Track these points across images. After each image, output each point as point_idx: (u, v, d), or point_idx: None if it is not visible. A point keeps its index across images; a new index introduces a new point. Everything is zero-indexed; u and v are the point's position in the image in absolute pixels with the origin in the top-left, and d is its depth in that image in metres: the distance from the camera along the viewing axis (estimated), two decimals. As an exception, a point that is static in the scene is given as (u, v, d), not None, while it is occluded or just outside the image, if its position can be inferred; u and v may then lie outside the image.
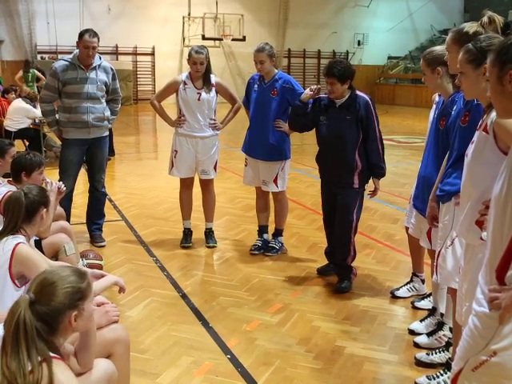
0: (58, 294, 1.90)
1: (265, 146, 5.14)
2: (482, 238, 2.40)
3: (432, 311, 3.81)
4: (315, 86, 4.52)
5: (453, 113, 3.21)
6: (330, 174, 4.49)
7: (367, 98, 4.34)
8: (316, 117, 4.46)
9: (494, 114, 2.32)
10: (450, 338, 3.38)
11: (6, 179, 3.95)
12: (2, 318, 2.44)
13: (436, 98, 3.81)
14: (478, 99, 2.68)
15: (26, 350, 1.79)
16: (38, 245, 3.49)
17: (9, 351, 1.79)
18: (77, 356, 2.20)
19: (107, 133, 5.56)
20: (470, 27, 2.89)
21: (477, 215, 2.40)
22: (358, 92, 4.35)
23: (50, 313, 1.87)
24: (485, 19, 2.82)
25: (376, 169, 4.44)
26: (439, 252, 3.08)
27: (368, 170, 4.43)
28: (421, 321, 3.82)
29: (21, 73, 13.68)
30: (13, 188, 3.56)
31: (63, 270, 2.01)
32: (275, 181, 5.22)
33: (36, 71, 13.86)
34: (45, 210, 2.99)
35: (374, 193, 4.55)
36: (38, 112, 9.06)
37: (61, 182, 4.04)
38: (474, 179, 2.41)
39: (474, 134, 2.45)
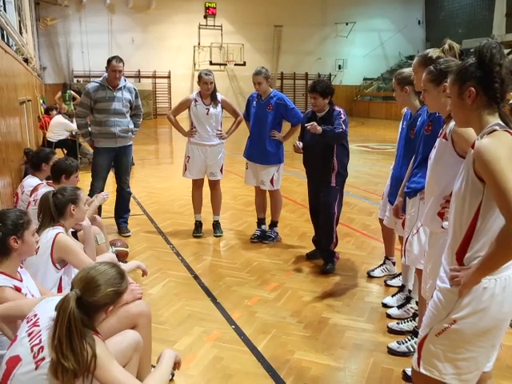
0: (102, 294, 1.85)
1: (263, 152, 5.13)
2: (442, 227, 2.39)
3: (401, 288, 3.81)
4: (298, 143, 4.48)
5: (418, 123, 3.20)
6: (313, 174, 4.49)
7: (340, 110, 4.33)
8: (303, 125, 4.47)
9: (452, 124, 2.31)
10: (416, 310, 3.37)
11: (46, 181, 3.93)
12: (47, 293, 2.44)
13: (404, 110, 3.80)
14: (439, 112, 2.67)
15: (78, 339, 1.75)
16: (74, 235, 3.47)
17: (64, 343, 1.74)
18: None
19: (131, 142, 5.54)
20: (433, 52, 2.88)
21: (439, 208, 2.40)
22: (335, 107, 4.36)
23: (93, 307, 1.83)
24: (446, 46, 2.81)
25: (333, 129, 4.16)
26: (406, 239, 3.07)
27: (344, 171, 4.41)
28: (392, 296, 3.81)
29: (59, 93, 13.67)
30: (51, 189, 3.54)
31: (108, 273, 1.89)
32: (271, 181, 5.21)
33: (72, 92, 13.84)
34: (72, 206, 2.95)
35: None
36: (74, 126, 9.05)
37: (107, 193, 4.11)
38: (436, 178, 2.41)
39: (436, 141, 2.44)
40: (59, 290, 2.72)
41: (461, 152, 2.28)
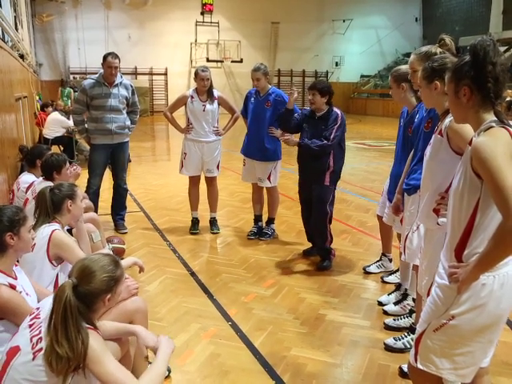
0: (97, 281, 1.86)
1: (261, 149, 5.12)
2: (438, 223, 2.39)
3: (398, 287, 3.79)
4: (292, 91, 4.46)
5: (416, 120, 3.19)
6: (307, 171, 4.48)
7: (339, 113, 4.34)
8: (302, 124, 4.47)
9: (447, 120, 2.31)
10: (412, 307, 3.37)
11: (42, 178, 3.90)
12: (43, 291, 2.43)
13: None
14: (435, 108, 2.66)
15: (74, 327, 1.76)
16: (70, 233, 3.45)
17: (59, 330, 1.75)
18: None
19: (128, 139, 5.52)
20: (430, 49, 2.87)
21: (434, 204, 2.39)
22: (335, 108, 4.36)
23: (90, 295, 1.84)
24: (442, 42, 2.80)
25: (311, 143, 4.24)
26: (406, 236, 3.07)
27: (339, 171, 4.41)
28: (388, 294, 3.80)
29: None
30: (49, 183, 3.52)
31: (101, 260, 1.93)
32: (269, 178, 5.21)
33: (71, 89, 13.78)
34: (70, 201, 2.94)
35: (284, 136, 4.43)
36: (70, 122, 9.05)
37: (77, 167, 4.01)
38: (431, 175, 2.41)
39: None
40: (55, 287, 2.70)
41: (456, 148, 2.28)
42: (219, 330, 3.32)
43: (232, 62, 23.92)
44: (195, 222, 5.53)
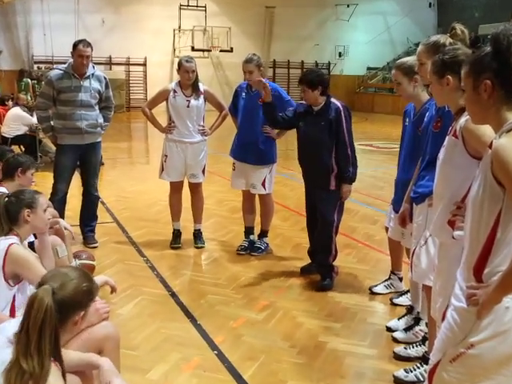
0: (76, 289, 1.89)
1: (254, 151, 5.12)
2: (453, 237, 2.40)
3: (409, 310, 3.79)
4: (259, 81, 4.51)
5: (425, 119, 3.21)
6: (309, 175, 4.51)
7: (339, 105, 4.37)
8: (297, 121, 4.49)
9: (462, 120, 2.32)
10: (426, 333, 3.37)
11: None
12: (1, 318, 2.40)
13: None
14: (448, 106, 2.68)
15: (49, 339, 1.76)
16: (31, 247, 3.43)
17: (33, 341, 1.75)
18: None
19: (100, 139, 5.52)
20: (439, 39, 2.90)
21: (449, 215, 2.40)
22: (333, 100, 4.37)
23: (65, 308, 1.85)
24: (453, 31, 2.82)
25: (343, 173, 4.37)
26: (414, 251, 3.08)
27: None
28: (398, 319, 3.79)
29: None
30: (3, 190, 3.50)
31: (76, 270, 1.98)
32: (263, 184, 5.21)
33: (29, 80, 13.69)
34: (27, 211, 2.92)
35: (341, 197, 4.43)
36: (34, 119, 8.99)
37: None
38: (445, 182, 2.42)
39: (445, 139, 2.45)
40: (12, 310, 2.68)
41: (473, 152, 2.29)
42: (203, 361, 3.30)
43: (221, 51, 23.96)
44: (177, 234, 5.51)
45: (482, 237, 1.81)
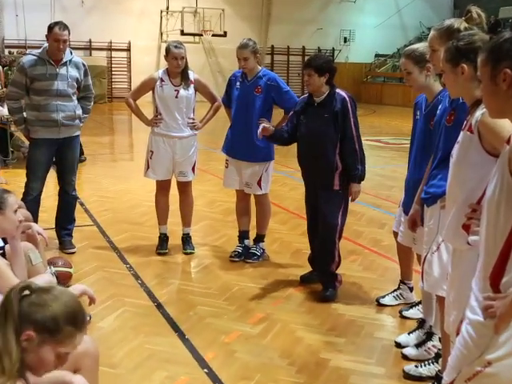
0: (57, 303, 1.89)
1: (249, 147, 5.12)
2: (468, 243, 2.40)
3: (421, 323, 3.78)
4: (261, 121, 4.64)
5: (438, 112, 3.22)
6: (310, 174, 4.51)
7: (345, 95, 4.38)
8: (298, 119, 4.50)
9: (478, 114, 2.33)
10: (439, 350, 3.38)
11: None
12: None
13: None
14: (463, 98, 2.69)
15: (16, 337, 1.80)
16: (2, 255, 3.42)
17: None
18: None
19: (78, 132, 5.51)
20: (452, 23, 2.91)
21: (463, 219, 2.40)
22: (338, 90, 4.39)
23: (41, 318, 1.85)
24: (468, 15, 2.83)
25: (351, 171, 4.38)
26: (425, 258, 3.08)
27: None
28: (409, 333, 3.78)
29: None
30: None
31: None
32: (259, 183, 5.22)
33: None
34: None
35: (351, 197, 4.46)
36: (4, 110, 8.98)
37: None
38: (459, 181, 2.42)
39: (460, 134, 2.46)
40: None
41: (490, 148, 2.30)
42: (192, 380, 3.30)
43: (213, 35, 23.96)
44: (163, 239, 5.52)
45: (499, 242, 1.81)
